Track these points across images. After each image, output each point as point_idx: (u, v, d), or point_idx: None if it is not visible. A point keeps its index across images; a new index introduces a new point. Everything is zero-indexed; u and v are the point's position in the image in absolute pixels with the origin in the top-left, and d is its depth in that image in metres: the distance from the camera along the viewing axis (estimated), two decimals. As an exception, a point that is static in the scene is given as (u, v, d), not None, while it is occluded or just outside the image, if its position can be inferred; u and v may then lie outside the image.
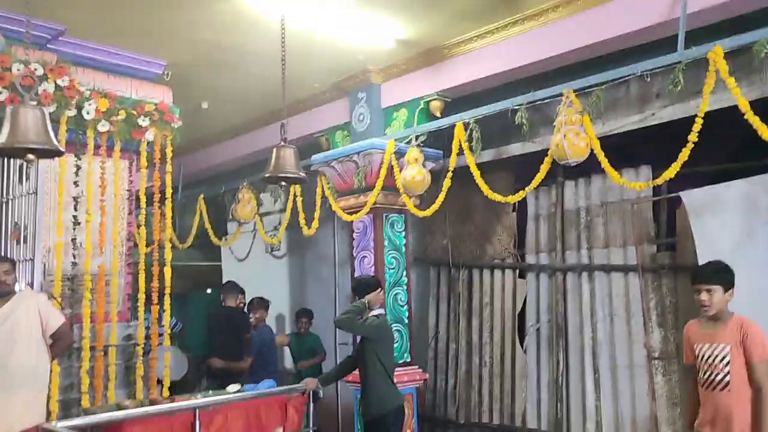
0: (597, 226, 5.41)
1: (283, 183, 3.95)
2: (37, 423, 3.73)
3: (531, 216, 5.87)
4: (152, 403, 3.98)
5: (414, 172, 5.14)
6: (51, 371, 4.38)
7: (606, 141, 4.66)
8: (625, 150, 5.14)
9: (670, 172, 3.94)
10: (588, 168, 4.71)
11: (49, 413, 4.42)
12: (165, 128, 5.09)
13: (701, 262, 4.36)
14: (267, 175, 3.91)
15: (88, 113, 4.71)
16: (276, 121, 6.62)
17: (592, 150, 4.24)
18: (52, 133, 3.22)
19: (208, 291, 8.34)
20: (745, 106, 3.61)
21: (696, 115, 3.84)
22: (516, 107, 4.56)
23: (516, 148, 5.46)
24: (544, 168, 4.46)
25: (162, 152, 5.10)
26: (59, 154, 3.36)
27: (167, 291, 5.11)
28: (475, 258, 6.18)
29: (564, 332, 5.48)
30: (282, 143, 3.97)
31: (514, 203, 5.58)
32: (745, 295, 4.06)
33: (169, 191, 5.18)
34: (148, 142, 5.06)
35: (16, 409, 3.72)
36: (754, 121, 3.58)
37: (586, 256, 5.45)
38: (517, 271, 5.90)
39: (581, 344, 5.38)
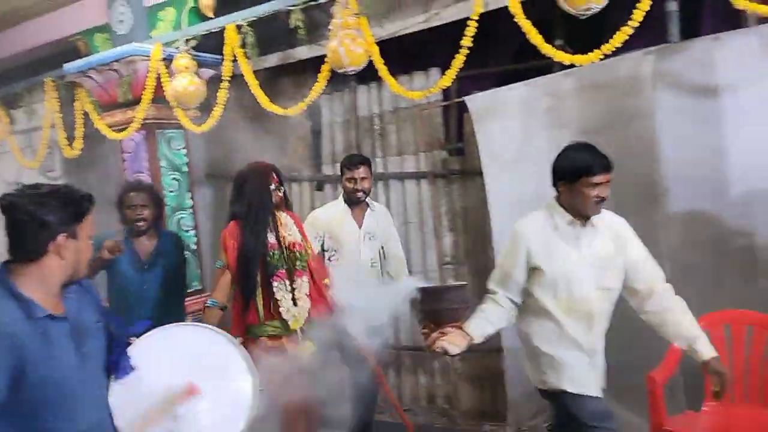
0: (390, 133, 5.23)
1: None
2: None
3: (326, 124, 5.56)
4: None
5: (185, 83, 4.54)
6: None
7: (391, 44, 4.40)
8: (414, 53, 4.93)
9: (446, 80, 3.76)
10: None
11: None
12: None
13: (485, 167, 4.34)
14: None
15: None
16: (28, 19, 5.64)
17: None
18: None
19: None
20: (515, 8, 3.44)
21: (480, 14, 3.63)
22: (290, 8, 4.11)
23: (302, 52, 5.05)
24: (323, 77, 4.13)
25: None
26: None
27: None
28: (271, 171, 5.81)
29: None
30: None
31: (308, 111, 5.23)
32: (524, 201, 4.15)
33: None
34: None
35: None
36: (524, 24, 3.43)
37: (381, 164, 5.29)
38: (315, 183, 5.64)
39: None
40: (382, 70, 3.98)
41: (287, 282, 3.30)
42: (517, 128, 4.22)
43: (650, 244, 3.63)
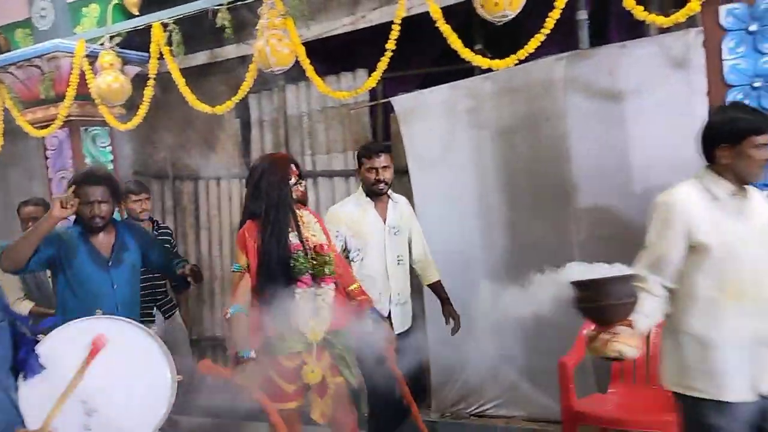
0: (318, 132, 5.34)
1: None
2: None
3: (254, 122, 5.62)
4: None
5: (110, 80, 4.51)
6: None
7: (318, 45, 4.50)
8: (341, 54, 5.04)
9: (372, 81, 3.90)
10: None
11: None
12: None
13: (411, 166, 4.50)
14: None
15: None
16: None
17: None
18: None
19: None
20: (436, 13, 3.60)
21: (404, 18, 3.77)
22: (217, 7, 4.15)
23: (230, 51, 5.09)
24: (250, 76, 4.19)
25: None
26: None
27: None
28: (200, 168, 5.83)
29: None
30: None
31: (237, 109, 5.27)
32: (447, 199, 4.34)
33: None
34: None
35: None
36: (445, 29, 3.59)
37: (310, 162, 5.39)
38: (244, 181, 5.66)
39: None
40: (309, 70, 4.06)
41: (311, 290, 2.88)
42: (440, 128, 4.40)
43: (561, 237, 3.89)
